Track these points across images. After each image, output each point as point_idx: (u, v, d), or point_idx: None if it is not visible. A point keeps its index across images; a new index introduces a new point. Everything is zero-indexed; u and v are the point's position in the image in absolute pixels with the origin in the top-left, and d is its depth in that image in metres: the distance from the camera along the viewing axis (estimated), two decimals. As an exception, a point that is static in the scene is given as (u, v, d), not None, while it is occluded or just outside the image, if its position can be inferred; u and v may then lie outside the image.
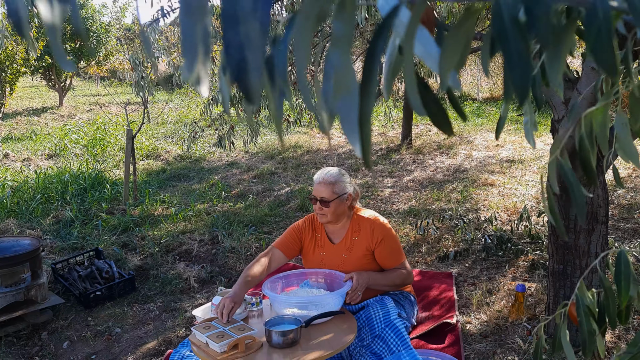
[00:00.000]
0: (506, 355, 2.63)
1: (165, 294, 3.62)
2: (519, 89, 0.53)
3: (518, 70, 0.52)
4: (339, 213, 2.60)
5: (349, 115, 0.52)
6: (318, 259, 2.69)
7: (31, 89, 16.93)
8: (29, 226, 4.90)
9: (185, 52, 0.48)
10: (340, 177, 2.60)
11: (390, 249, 2.60)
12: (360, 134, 0.52)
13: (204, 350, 2.13)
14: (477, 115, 10.40)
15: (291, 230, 2.73)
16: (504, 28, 0.52)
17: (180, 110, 12.32)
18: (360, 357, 2.42)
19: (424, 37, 0.61)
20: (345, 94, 0.51)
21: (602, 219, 2.53)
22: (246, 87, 0.48)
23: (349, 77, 0.51)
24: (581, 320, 1.04)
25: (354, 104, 0.51)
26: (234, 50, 0.48)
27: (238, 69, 0.48)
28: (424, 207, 5.07)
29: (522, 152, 7.10)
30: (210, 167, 7.30)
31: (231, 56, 0.48)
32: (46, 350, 3.01)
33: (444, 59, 0.55)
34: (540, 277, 3.40)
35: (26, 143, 8.99)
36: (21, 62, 8.46)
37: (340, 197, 2.57)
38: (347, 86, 0.51)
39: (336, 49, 0.51)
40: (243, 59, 0.48)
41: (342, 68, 0.51)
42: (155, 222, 4.94)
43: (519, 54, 0.52)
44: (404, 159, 7.26)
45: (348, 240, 2.63)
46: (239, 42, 0.48)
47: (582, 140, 0.80)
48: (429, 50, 0.61)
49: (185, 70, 0.48)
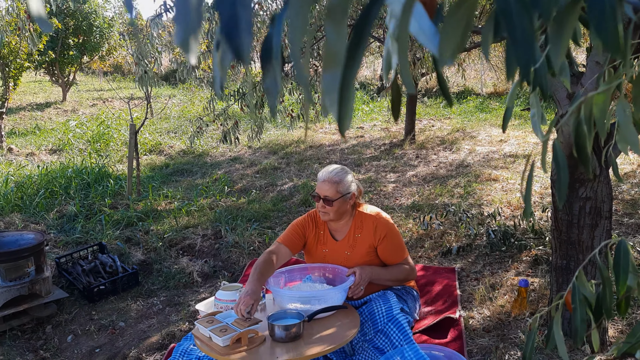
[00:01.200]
0: (509, 350, 2.64)
1: (169, 288, 3.64)
2: (522, 63, 0.52)
3: (522, 44, 0.52)
4: (342, 212, 2.59)
5: (332, 88, 0.51)
6: (321, 255, 2.69)
7: (35, 84, 16.96)
8: (32, 220, 4.92)
9: (178, 18, 0.48)
10: (345, 177, 2.58)
11: (393, 245, 2.60)
12: (339, 97, 0.51)
13: (207, 344, 2.13)
14: (481, 110, 10.37)
15: (295, 227, 2.72)
16: (508, 3, 0.51)
17: (183, 105, 12.32)
18: (363, 352, 2.42)
19: (420, 15, 0.60)
20: (334, 67, 0.50)
21: (606, 214, 2.52)
22: (236, 43, 0.48)
23: (340, 50, 0.50)
24: (575, 307, 1.03)
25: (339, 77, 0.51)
26: (226, 6, 0.48)
27: (229, 24, 0.48)
28: (427, 202, 5.07)
29: (526, 147, 7.07)
30: (214, 162, 7.31)
31: (223, 12, 0.48)
32: (50, 344, 3.03)
33: (445, 37, 0.54)
34: (544, 272, 3.40)
35: (30, 138, 9.01)
36: (25, 56, 8.46)
37: (344, 196, 2.56)
38: (336, 59, 0.50)
39: (331, 21, 0.50)
40: (234, 14, 0.48)
41: (335, 40, 0.50)
42: (158, 216, 4.95)
43: (522, 29, 0.52)
44: (407, 154, 7.24)
45: (351, 237, 2.63)
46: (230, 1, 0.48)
47: (580, 126, 0.79)
48: (425, 30, 0.59)
49: (177, 36, 0.48)
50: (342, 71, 0.51)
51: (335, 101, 0.51)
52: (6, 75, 8.23)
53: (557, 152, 0.84)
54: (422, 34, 0.57)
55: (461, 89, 12.60)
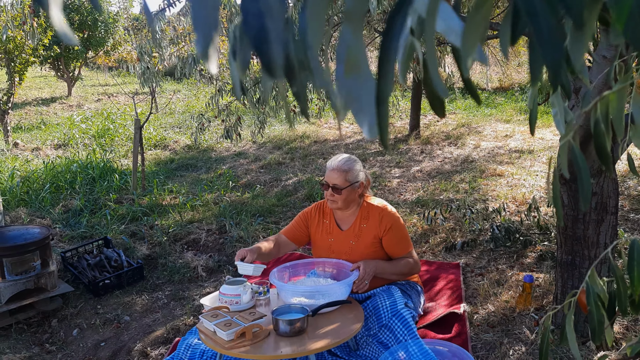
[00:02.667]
0: (513, 345, 2.63)
1: (174, 282, 3.65)
2: (551, 64, 0.50)
3: (549, 44, 0.49)
4: (350, 200, 2.61)
5: (359, 94, 0.49)
6: (326, 245, 2.70)
7: (40, 79, 17.00)
8: (38, 215, 4.94)
9: (197, 27, 0.46)
10: (354, 165, 2.61)
11: (398, 237, 2.60)
12: (377, 114, 0.49)
13: (212, 338, 2.14)
14: (486, 106, 10.32)
15: (297, 218, 2.78)
16: (533, 3, 0.50)
17: (188, 100, 12.32)
18: (367, 347, 2.42)
19: (447, 12, 0.59)
20: (356, 73, 0.49)
21: (612, 210, 2.51)
22: (267, 57, 0.46)
23: (360, 54, 0.49)
24: (591, 309, 1.03)
25: (364, 82, 0.49)
26: (253, 19, 0.45)
27: (258, 38, 0.45)
28: (431, 198, 5.06)
29: (532, 143, 7.04)
30: (218, 157, 7.31)
31: (250, 25, 0.45)
32: (56, 338, 3.04)
33: (468, 32, 0.52)
34: (549, 267, 3.39)
35: (35, 133, 9.04)
36: (30, 51, 8.48)
37: (353, 185, 2.58)
38: (357, 64, 0.49)
39: (348, 25, 0.49)
40: (263, 27, 0.45)
41: (354, 45, 0.49)
42: (163, 211, 4.96)
43: (549, 28, 0.50)
44: (412, 149, 7.23)
45: (357, 227, 2.64)
46: (258, 9, 0.45)
47: (598, 124, 0.78)
48: (452, 26, 0.58)
49: (198, 45, 0.46)
50: (376, 87, 0.49)
51: (362, 110, 0.50)
52: (12, 70, 8.25)
53: (576, 154, 0.82)
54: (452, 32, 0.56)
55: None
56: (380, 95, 0.50)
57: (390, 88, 0.50)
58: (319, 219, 2.74)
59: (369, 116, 0.50)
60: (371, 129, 0.51)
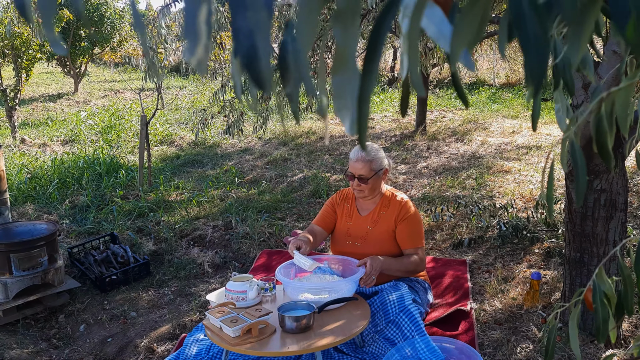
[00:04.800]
0: (520, 343, 2.62)
1: (180, 278, 3.65)
2: (534, 74, 0.51)
3: (534, 54, 0.51)
4: (375, 188, 2.68)
5: (343, 92, 0.51)
6: (344, 228, 2.75)
7: (47, 75, 17.07)
8: (45, 211, 4.96)
9: (187, 34, 0.48)
10: (377, 153, 2.66)
11: (412, 229, 2.63)
12: (358, 113, 0.51)
13: (218, 334, 2.14)
14: (493, 101, 10.26)
15: (326, 205, 2.86)
16: (522, 11, 0.50)
17: (194, 96, 12.33)
18: (374, 343, 2.42)
19: (437, 16, 0.59)
20: (343, 71, 0.50)
21: (621, 207, 2.48)
22: (257, 73, 0.48)
23: (349, 53, 0.49)
24: (596, 307, 1.02)
25: (350, 80, 0.50)
26: (244, 37, 0.48)
27: (248, 55, 0.48)
28: (438, 194, 5.04)
29: (539, 139, 7.00)
30: (224, 153, 7.31)
31: (241, 43, 0.48)
32: (63, 333, 3.06)
33: (456, 34, 0.52)
34: (556, 265, 3.36)
35: (42, 129, 9.08)
36: (37, 48, 8.50)
37: (378, 173, 2.63)
38: (345, 63, 0.50)
39: (339, 24, 0.49)
40: (252, 45, 0.48)
41: (344, 43, 0.49)
42: (169, 207, 4.97)
43: (535, 38, 0.50)
44: (418, 145, 7.20)
45: (376, 213, 2.69)
46: (248, 28, 0.47)
47: (600, 121, 0.77)
48: (442, 31, 0.58)
49: (187, 52, 0.48)
50: (359, 86, 0.51)
51: (347, 107, 0.51)
52: (19, 67, 8.28)
53: (575, 150, 0.82)
54: (442, 37, 0.57)
55: (473, 80, 12.48)
56: (361, 95, 0.50)
57: (372, 88, 0.51)
58: (343, 204, 2.80)
59: (353, 112, 0.52)
60: (352, 126, 0.52)
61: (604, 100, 0.80)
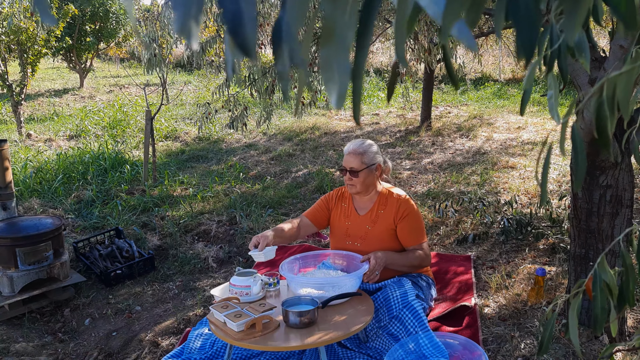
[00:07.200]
0: (525, 339, 2.61)
1: (184, 273, 3.66)
2: (525, 46, 0.50)
3: (525, 25, 0.50)
4: (368, 184, 2.63)
5: (330, 64, 0.50)
6: (343, 228, 2.73)
7: (52, 71, 17.11)
8: (51, 205, 4.99)
9: (176, 5, 0.47)
10: (369, 148, 2.63)
11: (413, 226, 2.61)
12: (352, 88, 0.50)
13: (222, 329, 2.15)
14: (499, 97, 10.22)
15: (320, 200, 2.84)
16: None
17: (198, 91, 12.34)
18: (377, 339, 2.42)
19: None
20: (330, 44, 0.50)
21: (627, 203, 2.47)
22: (241, 39, 0.48)
23: (338, 26, 0.49)
24: (595, 295, 1.01)
25: (338, 52, 0.50)
26: (230, 2, 0.47)
27: (233, 21, 0.47)
28: (442, 190, 5.02)
29: (545, 134, 6.96)
30: (229, 149, 7.32)
31: (226, 8, 0.47)
32: (68, 327, 3.07)
33: (450, 4, 0.50)
34: (561, 261, 3.35)
35: (48, 124, 9.11)
36: (42, 43, 8.52)
37: (369, 167, 2.60)
38: (332, 35, 0.49)
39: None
40: (238, 10, 0.47)
41: (332, 16, 0.49)
42: (174, 202, 4.98)
43: (526, 9, 0.50)
44: (422, 141, 7.18)
45: (374, 212, 2.67)
46: None
47: (601, 106, 0.76)
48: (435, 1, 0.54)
49: (176, 23, 0.48)
50: (353, 60, 0.50)
51: (334, 80, 0.50)
52: (24, 62, 8.30)
53: (575, 135, 0.81)
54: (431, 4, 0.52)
55: (479, 75, 12.42)
56: (355, 68, 0.50)
57: (364, 62, 0.51)
58: (339, 202, 2.78)
59: (340, 86, 0.51)
60: (339, 99, 0.51)
61: (605, 83, 0.78)
